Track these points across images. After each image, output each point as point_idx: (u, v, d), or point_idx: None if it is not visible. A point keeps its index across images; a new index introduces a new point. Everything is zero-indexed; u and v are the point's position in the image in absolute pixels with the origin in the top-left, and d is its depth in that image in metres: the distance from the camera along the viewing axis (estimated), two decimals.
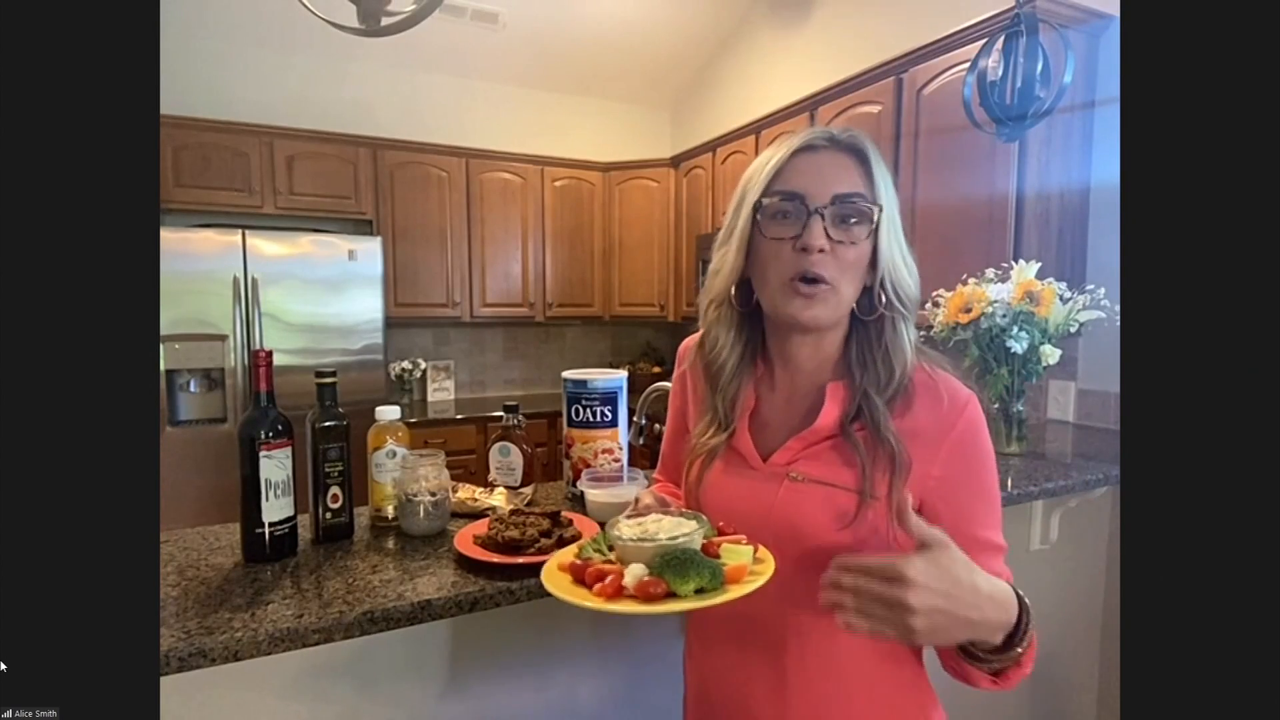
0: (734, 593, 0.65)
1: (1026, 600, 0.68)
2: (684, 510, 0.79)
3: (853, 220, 0.74)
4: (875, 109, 2.49)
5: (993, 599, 0.64)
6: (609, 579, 0.67)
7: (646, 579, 0.66)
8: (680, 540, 0.69)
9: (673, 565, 0.65)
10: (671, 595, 0.65)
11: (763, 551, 0.72)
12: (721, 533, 0.75)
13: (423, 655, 1.13)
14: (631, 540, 0.71)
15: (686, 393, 0.94)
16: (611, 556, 0.74)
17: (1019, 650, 0.67)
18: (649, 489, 0.90)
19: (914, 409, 0.76)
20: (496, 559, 0.98)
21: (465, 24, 3.43)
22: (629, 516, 0.77)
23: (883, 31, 2.84)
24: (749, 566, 0.69)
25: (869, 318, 0.78)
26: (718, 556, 0.70)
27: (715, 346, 0.85)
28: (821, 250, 0.72)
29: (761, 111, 3.17)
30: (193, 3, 3.08)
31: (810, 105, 2.83)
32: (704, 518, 0.75)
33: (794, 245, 0.74)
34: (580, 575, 0.71)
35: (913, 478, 0.74)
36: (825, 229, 0.73)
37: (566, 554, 0.77)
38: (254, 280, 2.91)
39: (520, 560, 0.97)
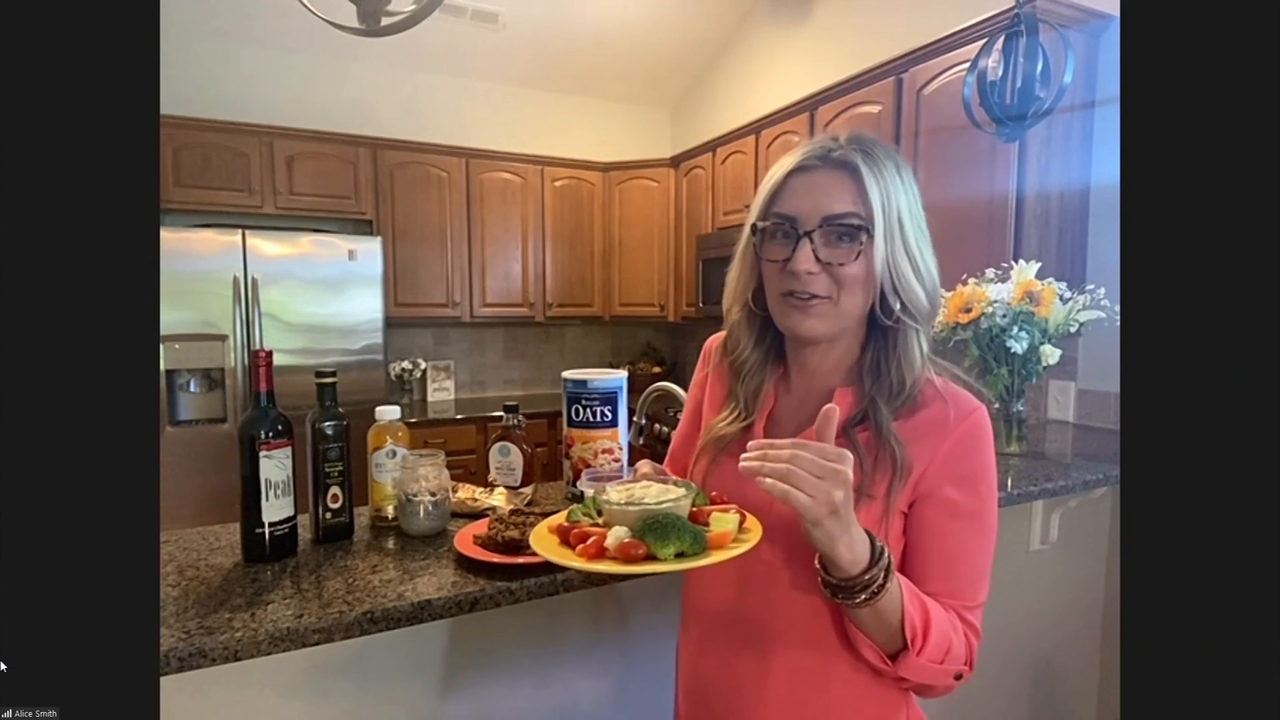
0: (715, 557, 0.66)
1: (888, 552, 0.67)
2: (678, 480, 0.80)
3: (844, 240, 0.75)
4: (875, 109, 2.49)
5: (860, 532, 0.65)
6: (591, 540, 0.69)
7: (627, 540, 0.67)
8: (665, 505, 0.70)
9: (654, 528, 0.67)
10: (651, 558, 0.66)
11: (750, 521, 0.73)
12: (714, 501, 0.77)
13: (423, 655, 1.13)
14: (618, 504, 0.72)
15: (705, 391, 0.95)
16: (600, 521, 0.75)
17: (869, 583, 0.65)
18: (647, 460, 0.92)
19: (918, 417, 0.76)
20: (496, 559, 0.98)
21: (465, 24, 3.43)
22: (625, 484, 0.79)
23: (883, 31, 2.84)
24: (733, 534, 0.70)
25: (887, 323, 0.78)
26: (706, 524, 0.71)
27: (737, 348, 0.88)
28: (810, 273, 0.75)
29: (761, 111, 3.17)
30: (193, 3, 3.08)
31: (810, 105, 2.83)
32: (695, 486, 0.77)
33: (783, 267, 0.76)
34: (566, 537, 0.73)
35: (909, 481, 0.74)
36: (815, 251, 0.74)
37: (558, 517, 0.79)
38: (254, 280, 2.91)
39: (520, 560, 0.97)
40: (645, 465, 0.88)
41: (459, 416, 3.47)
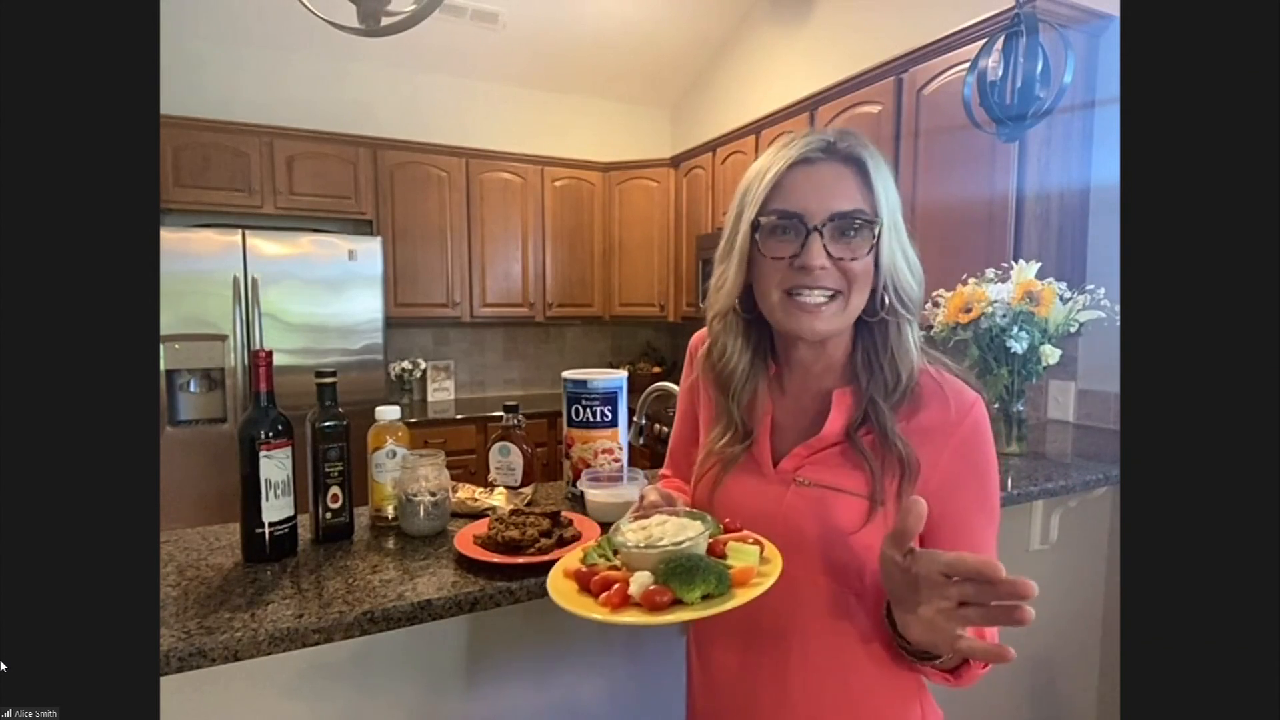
0: (740, 598, 0.64)
1: None
2: (690, 509, 0.78)
3: (853, 236, 0.73)
4: (875, 109, 2.49)
5: None
6: (614, 588, 0.66)
7: (652, 588, 0.64)
8: (685, 545, 0.68)
9: (678, 572, 0.64)
10: (678, 603, 0.63)
11: (770, 550, 0.71)
12: (728, 529, 0.74)
13: (423, 655, 1.13)
14: (636, 547, 0.69)
15: (697, 396, 0.93)
16: (617, 561, 0.72)
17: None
18: (653, 485, 0.89)
19: (920, 413, 0.76)
20: (496, 559, 0.98)
21: (465, 24, 3.43)
22: (634, 516, 0.77)
23: (883, 31, 2.84)
24: (756, 568, 0.68)
25: (873, 319, 0.78)
26: (724, 556, 0.69)
27: (724, 355, 0.84)
28: (823, 268, 0.72)
29: (761, 111, 3.17)
30: (193, 3, 3.08)
31: (810, 105, 2.83)
32: (709, 517, 0.74)
33: (792, 263, 0.74)
34: (586, 583, 0.69)
35: (917, 482, 0.74)
36: (824, 246, 0.72)
37: (572, 559, 0.76)
38: (254, 280, 2.91)
39: (520, 560, 0.97)
40: (652, 493, 0.83)
41: (459, 416, 3.47)
